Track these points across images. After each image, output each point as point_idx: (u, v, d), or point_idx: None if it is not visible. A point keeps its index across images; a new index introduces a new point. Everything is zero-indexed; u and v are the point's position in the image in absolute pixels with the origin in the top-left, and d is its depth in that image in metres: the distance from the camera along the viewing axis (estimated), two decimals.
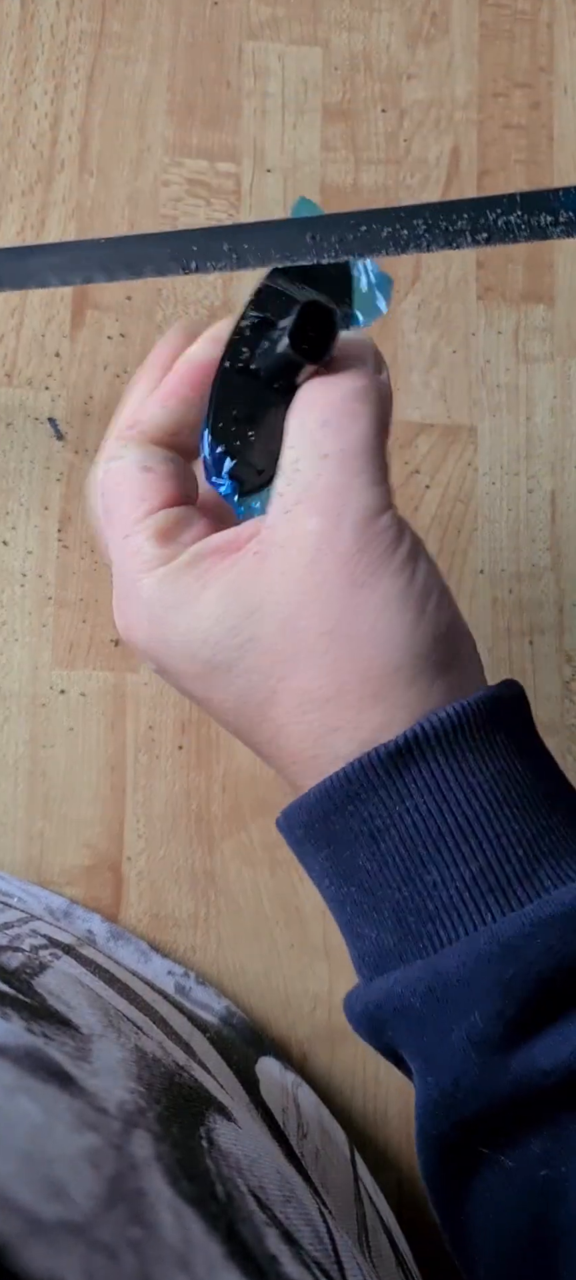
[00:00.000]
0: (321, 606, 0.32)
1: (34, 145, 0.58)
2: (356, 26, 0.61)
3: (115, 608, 0.36)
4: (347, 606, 0.32)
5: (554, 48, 0.62)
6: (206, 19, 0.60)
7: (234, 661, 0.33)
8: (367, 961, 0.33)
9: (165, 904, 0.55)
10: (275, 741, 0.34)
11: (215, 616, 0.33)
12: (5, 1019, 0.32)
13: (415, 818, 0.31)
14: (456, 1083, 0.30)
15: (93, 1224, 0.22)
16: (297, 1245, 0.29)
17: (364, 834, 0.32)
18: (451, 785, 0.31)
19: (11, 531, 0.56)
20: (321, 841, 0.33)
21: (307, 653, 0.32)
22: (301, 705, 0.33)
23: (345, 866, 0.33)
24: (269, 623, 0.32)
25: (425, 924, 0.31)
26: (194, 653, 0.33)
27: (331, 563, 0.32)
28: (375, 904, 0.32)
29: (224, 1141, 0.33)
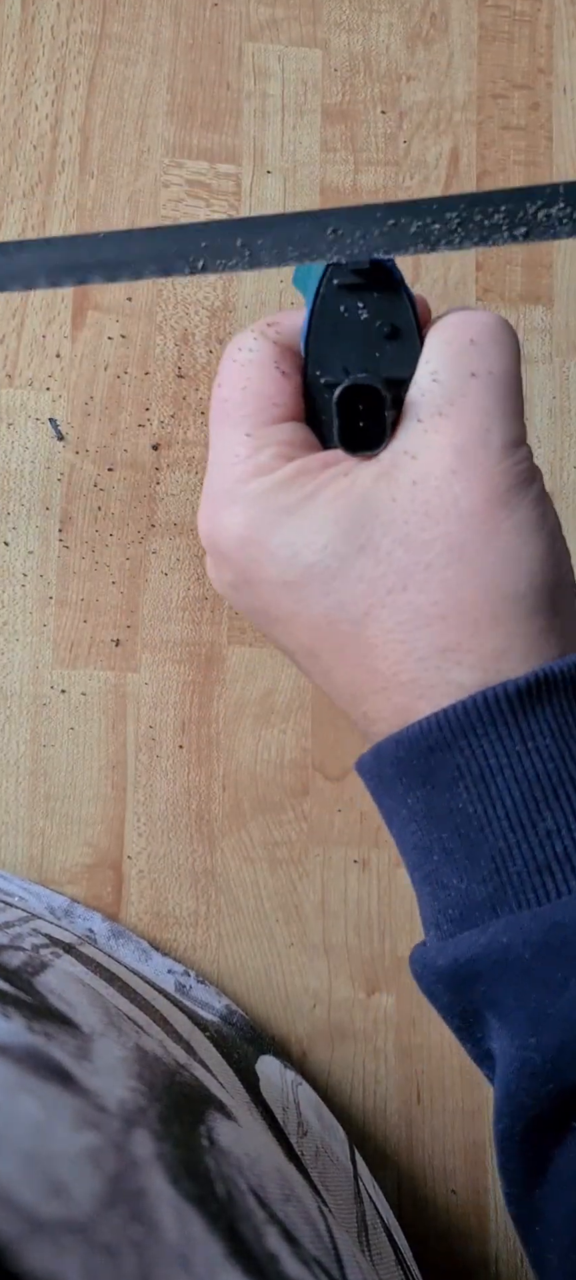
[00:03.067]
0: (453, 522, 0.31)
1: (35, 147, 0.58)
2: (356, 28, 0.61)
3: (207, 504, 0.34)
4: (481, 526, 0.31)
5: (553, 49, 0.62)
6: (206, 20, 0.60)
7: (339, 570, 0.31)
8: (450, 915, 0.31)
9: (165, 902, 0.55)
10: (365, 663, 0.32)
11: (329, 519, 0.32)
12: (6, 1018, 0.32)
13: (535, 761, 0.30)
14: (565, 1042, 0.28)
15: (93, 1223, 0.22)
16: (298, 1243, 0.29)
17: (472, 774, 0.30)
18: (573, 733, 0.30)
19: (12, 532, 0.56)
20: (416, 780, 0.31)
21: (427, 567, 0.31)
22: (411, 621, 0.31)
23: (441, 809, 0.31)
24: (389, 532, 0.31)
25: (532, 874, 0.30)
26: (295, 556, 0.32)
27: (471, 480, 0.31)
28: (470, 851, 0.30)
29: (224, 1140, 0.33)
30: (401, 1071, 0.54)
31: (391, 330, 0.34)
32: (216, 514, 0.34)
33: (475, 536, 0.31)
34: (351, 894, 0.55)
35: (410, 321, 0.34)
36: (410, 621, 0.31)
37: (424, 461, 0.32)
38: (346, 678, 0.33)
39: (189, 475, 0.57)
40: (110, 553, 0.56)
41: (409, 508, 0.31)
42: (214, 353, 0.58)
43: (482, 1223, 0.53)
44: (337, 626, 0.32)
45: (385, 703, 0.32)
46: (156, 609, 0.56)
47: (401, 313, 0.34)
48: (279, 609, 0.33)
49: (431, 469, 0.31)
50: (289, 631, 0.34)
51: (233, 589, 0.35)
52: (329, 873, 0.55)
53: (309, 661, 0.34)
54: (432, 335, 0.33)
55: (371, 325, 0.34)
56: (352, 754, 0.56)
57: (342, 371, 0.34)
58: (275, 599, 0.33)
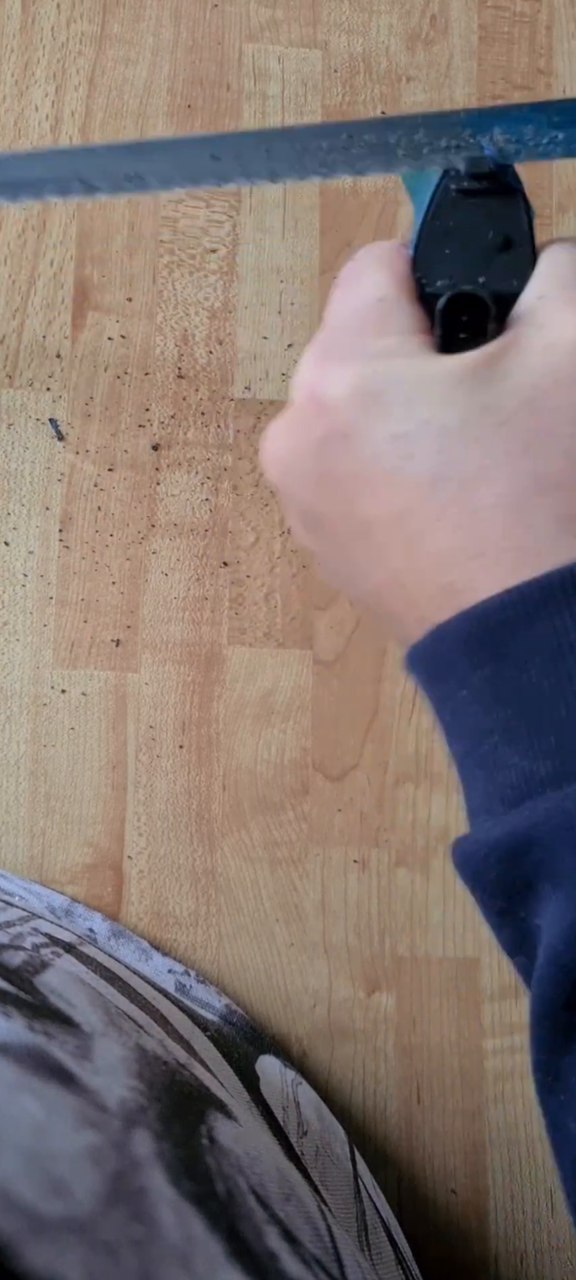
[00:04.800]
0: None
1: (35, 147, 0.58)
2: (356, 29, 0.61)
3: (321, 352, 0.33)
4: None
5: (552, 49, 0.62)
6: (206, 21, 0.60)
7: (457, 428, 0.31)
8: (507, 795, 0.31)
9: (166, 902, 0.55)
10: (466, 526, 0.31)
11: (453, 377, 0.31)
12: (7, 1017, 0.32)
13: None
14: None
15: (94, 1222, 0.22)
16: (298, 1243, 0.29)
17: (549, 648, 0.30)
18: None
19: (13, 532, 0.56)
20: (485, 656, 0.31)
21: (551, 434, 0.30)
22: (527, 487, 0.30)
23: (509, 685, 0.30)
24: (516, 394, 0.31)
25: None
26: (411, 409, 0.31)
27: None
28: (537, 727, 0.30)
29: (224, 1139, 0.33)
30: (401, 1071, 0.54)
31: (504, 241, 0.34)
32: (330, 362, 0.33)
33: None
34: (351, 894, 0.55)
35: (524, 234, 0.33)
36: (526, 487, 0.30)
37: (554, 329, 0.31)
38: (440, 543, 0.32)
39: (189, 475, 0.57)
40: (110, 553, 0.56)
41: (538, 372, 0.31)
42: (214, 353, 0.58)
43: (482, 1222, 0.53)
44: (444, 486, 0.31)
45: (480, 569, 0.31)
46: (156, 609, 0.56)
47: (517, 223, 0.34)
48: (375, 467, 0.32)
49: (564, 336, 0.31)
50: (378, 494, 0.32)
51: (317, 448, 0.33)
52: (329, 873, 0.55)
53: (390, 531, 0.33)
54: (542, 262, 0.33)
55: (484, 234, 0.34)
56: (353, 754, 0.56)
57: (451, 283, 0.33)
58: (375, 454, 0.32)
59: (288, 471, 0.34)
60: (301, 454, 0.34)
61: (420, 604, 0.33)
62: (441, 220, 0.34)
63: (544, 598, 0.30)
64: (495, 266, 0.33)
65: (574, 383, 0.30)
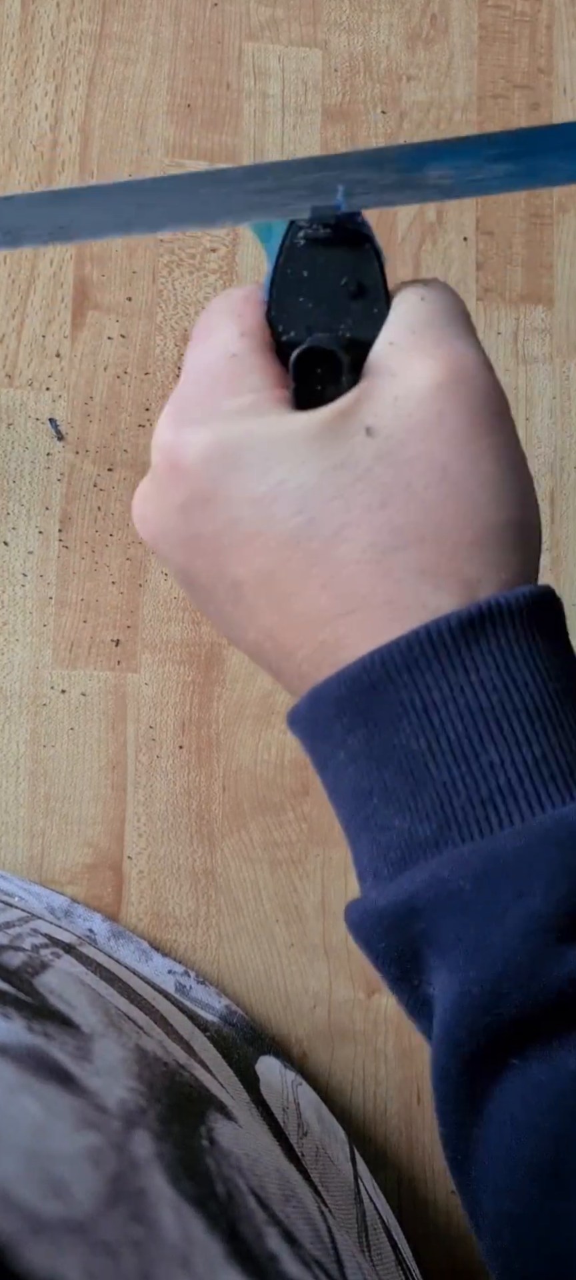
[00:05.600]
0: (437, 439, 0.30)
1: (34, 146, 0.58)
2: (356, 28, 0.61)
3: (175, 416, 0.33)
4: (468, 447, 0.30)
5: (553, 49, 0.62)
6: (206, 20, 0.60)
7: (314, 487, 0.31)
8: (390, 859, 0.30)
9: (166, 903, 0.55)
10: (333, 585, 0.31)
11: (307, 435, 0.31)
12: (6, 1018, 0.32)
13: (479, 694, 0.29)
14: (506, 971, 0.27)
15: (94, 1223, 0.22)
16: (298, 1244, 0.29)
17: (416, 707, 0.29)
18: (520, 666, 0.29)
19: (12, 532, 0.56)
20: (357, 720, 0.30)
21: (407, 486, 0.30)
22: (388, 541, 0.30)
23: (383, 747, 0.30)
24: (370, 447, 0.30)
25: (475, 807, 0.29)
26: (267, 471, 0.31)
27: (456, 396, 0.31)
28: (413, 789, 0.30)
29: (224, 1140, 0.33)
30: (401, 1072, 0.54)
31: (357, 288, 0.33)
32: (185, 425, 0.32)
33: (459, 458, 0.30)
34: (352, 895, 0.55)
35: (377, 280, 0.33)
36: (387, 541, 0.30)
37: (406, 379, 0.31)
38: (308, 603, 0.31)
39: None
40: (110, 553, 0.56)
41: (391, 424, 0.31)
42: None
43: None
44: (307, 545, 0.31)
45: (351, 627, 0.31)
46: (156, 609, 0.56)
47: (368, 269, 0.33)
48: (237, 530, 0.32)
49: (415, 384, 0.31)
50: (243, 556, 0.32)
51: (180, 513, 0.33)
52: (329, 873, 0.55)
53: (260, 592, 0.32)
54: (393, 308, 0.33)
55: (337, 282, 0.33)
56: None
57: (306, 330, 0.33)
58: (235, 517, 0.31)
59: (155, 536, 0.34)
60: (165, 519, 0.33)
61: (297, 662, 0.33)
62: (292, 269, 0.34)
63: (409, 657, 0.30)
64: (349, 314, 0.33)
65: (425, 431, 0.30)
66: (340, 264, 0.33)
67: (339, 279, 0.33)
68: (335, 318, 0.33)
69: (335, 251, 0.34)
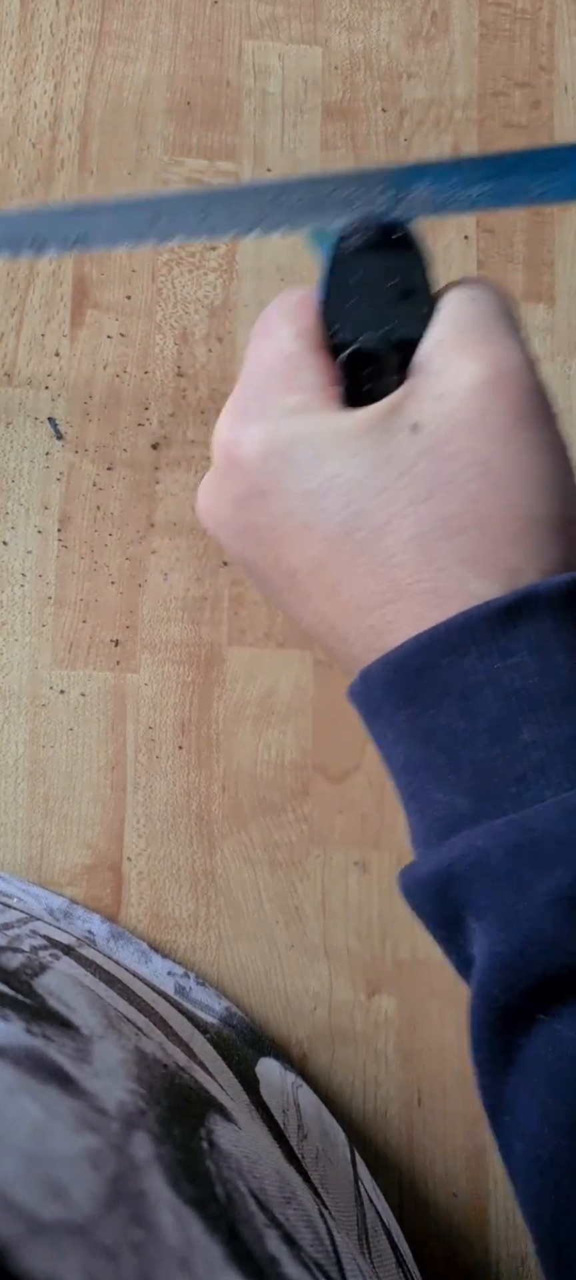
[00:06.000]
0: (480, 435, 0.32)
1: (34, 144, 0.58)
2: (356, 25, 0.61)
3: (234, 413, 0.35)
4: (508, 443, 0.32)
5: (554, 47, 0.62)
6: (206, 18, 0.60)
7: (362, 481, 0.32)
8: (436, 828, 0.32)
9: (165, 904, 0.55)
10: (379, 572, 0.32)
11: (356, 432, 0.33)
12: (5, 1020, 0.32)
13: (514, 676, 0.31)
14: (532, 938, 0.29)
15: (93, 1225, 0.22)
16: (298, 1246, 0.29)
17: (456, 690, 0.31)
18: (555, 650, 0.31)
19: (11, 531, 0.56)
20: (404, 699, 0.32)
21: (451, 480, 0.32)
22: (432, 532, 0.32)
23: (427, 726, 0.32)
24: (415, 443, 0.32)
25: (510, 785, 0.31)
26: (319, 466, 0.33)
27: (499, 393, 0.32)
28: (455, 765, 0.31)
29: (224, 1143, 0.33)
30: (402, 1074, 0.54)
31: (404, 290, 0.35)
32: (243, 422, 0.34)
33: (501, 453, 0.32)
34: (352, 896, 0.55)
35: (423, 281, 0.35)
36: (432, 532, 0.32)
37: (450, 376, 0.32)
38: (356, 590, 0.33)
39: (189, 475, 0.57)
40: (109, 553, 0.56)
41: (435, 420, 0.32)
42: (213, 351, 0.58)
43: (483, 1226, 0.53)
44: (354, 536, 0.33)
45: (397, 613, 0.33)
46: (156, 609, 0.56)
47: (414, 272, 0.35)
48: (291, 521, 0.34)
49: (458, 382, 0.32)
50: (297, 546, 0.34)
51: (238, 505, 0.35)
52: (329, 874, 0.55)
53: (312, 580, 0.34)
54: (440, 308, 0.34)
55: (385, 285, 0.35)
56: (354, 755, 0.56)
57: (357, 331, 0.35)
58: (290, 510, 0.33)
59: (217, 526, 0.36)
60: (225, 510, 0.35)
61: (349, 643, 0.34)
62: (342, 274, 0.35)
63: (449, 642, 0.31)
64: (397, 315, 0.35)
65: (468, 428, 0.32)
66: (387, 267, 0.35)
67: (386, 282, 0.35)
68: (384, 319, 0.35)
69: (382, 256, 0.35)
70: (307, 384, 0.34)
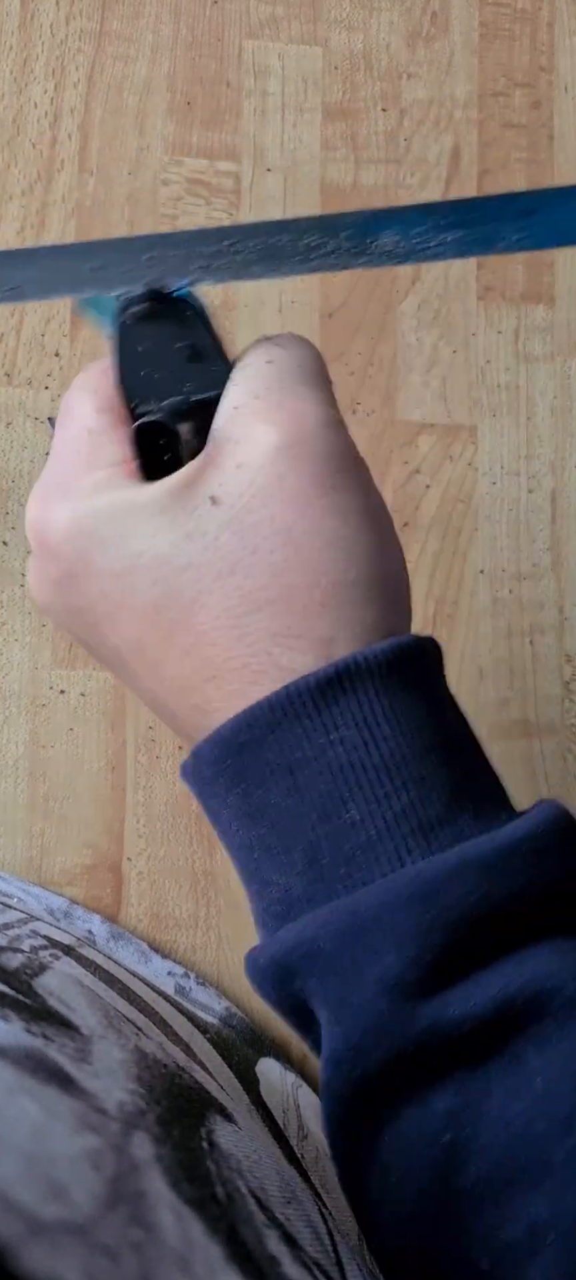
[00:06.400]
0: (279, 502, 0.31)
1: (34, 144, 0.58)
2: (356, 25, 0.61)
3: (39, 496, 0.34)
4: (308, 507, 0.31)
5: (554, 47, 0.62)
6: (206, 18, 0.60)
7: (166, 558, 0.31)
8: (273, 912, 0.31)
9: (165, 904, 0.54)
10: (195, 651, 0.32)
11: (158, 508, 0.32)
12: (5, 1020, 0.32)
13: (339, 751, 0.30)
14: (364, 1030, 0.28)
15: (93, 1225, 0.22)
16: (298, 1246, 0.29)
17: (281, 767, 0.30)
18: (379, 721, 0.30)
19: (11, 531, 0.56)
20: (233, 779, 0.31)
21: (254, 551, 0.31)
22: (239, 607, 0.31)
23: (257, 805, 0.31)
24: (216, 515, 0.31)
25: (340, 866, 0.30)
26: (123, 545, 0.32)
27: (295, 457, 0.31)
28: (286, 846, 0.30)
29: (224, 1143, 0.33)
30: None
31: (192, 352, 0.34)
32: (49, 503, 0.33)
33: (301, 519, 0.31)
34: None
35: (206, 339, 0.34)
36: (238, 607, 0.31)
37: (247, 445, 0.31)
38: (175, 669, 0.32)
39: None
40: None
41: (234, 491, 0.31)
42: None
43: None
44: (166, 614, 0.32)
45: (216, 691, 0.32)
46: None
47: (196, 333, 0.34)
48: (106, 602, 0.33)
49: (255, 449, 0.31)
50: (115, 626, 0.33)
51: (56, 587, 0.34)
52: None
53: (136, 658, 0.33)
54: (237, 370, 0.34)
55: (171, 349, 0.34)
56: None
57: (156, 399, 0.33)
58: (102, 591, 0.33)
59: (44, 609, 0.36)
60: (47, 593, 0.35)
61: (179, 721, 0.34)
62: (129, 343, 0.34)
63: (271, 719, 0.30)
64: (190, 379, 0.34)
65: (267, 495, 0.31)
66: (170, 332, 0.34)
67: (172, 345, 0.34)
68: (178, 383, 0.33)
69: (162, 322, 0.35)
70: (109, 459, 0.33)
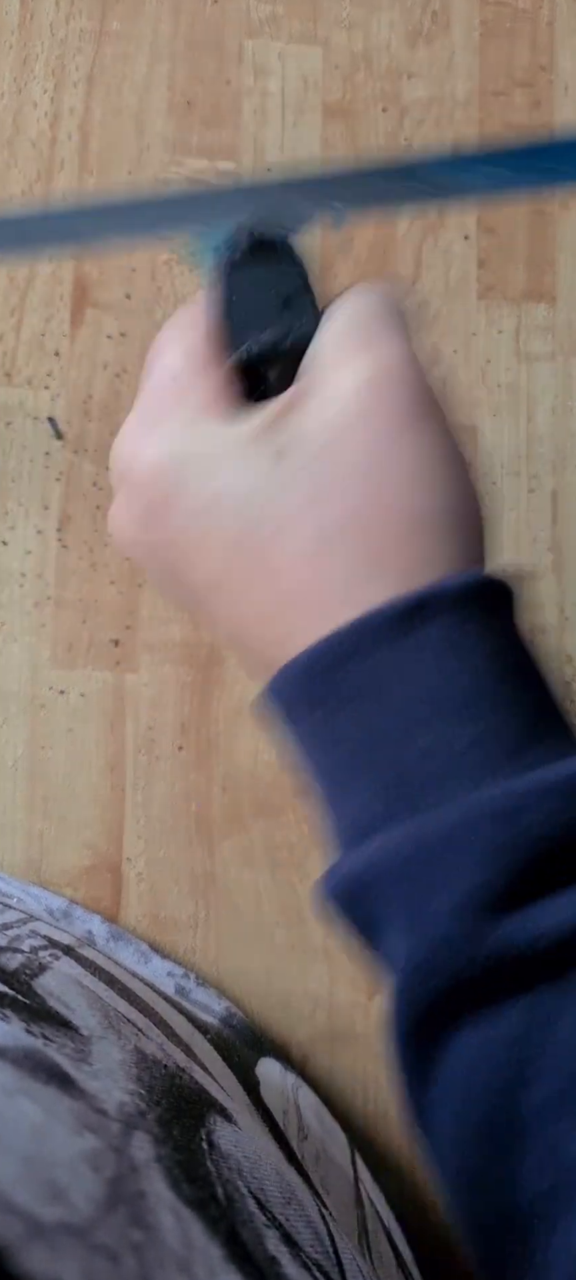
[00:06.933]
0: (364, 437, 0.32)
1: (34, 144, 0.58)
2: (356, 25, 0.61)
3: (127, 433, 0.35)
4: (394, 442, 0.32)
5: (554, 46, 0.62)
6: (206, 17, 0.60)
7: (251, 490, 0.32)
8: (351, 833, 0.32)
9: (165, 905, 0.54)
10: (275, 583, 0.32)
11: (243, 441, 0.32)
12: (5, 1020, 0.32)
13: (419, 677, 0.31)
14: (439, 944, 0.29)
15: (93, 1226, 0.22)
16: (298, 1247, 0.29)
17: (362, 691, 0.31)
18: (459, 649, 0.31)
19: (11, 531, 0.56)
20: (315, 702, 0.32)
21: (337, 484, 0.32)
22: (321, 538, 0.32)
23: (337, 729, 0.32)
24: (302, 448, 0.32)
25: (419, 787, 0.30)
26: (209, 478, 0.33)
27: (382, 393, 0.32)
28: (365, 769, 0.31)
29: (224, 1143, 0.33)
30: None
31: (285, 299, 0.35)
32: (136, 442, 0.34)
33: (386, 453, 0.32)
34: None
35: (299, 286, 0.35)
36: (322, 537, 0.32)
37: (333, 382, 0.32)
38: (256, 601, 0.33)
39: None
40: (109, 553, 0.56)
41: (321, 424, 0.32)
42: None
43: None
44: (249, 547, 0.32)
45: (297, 620, 0.32)
46: (156, 609, 0.56)
47: (291, 281, 0.35)
48: (188, 537, 0.33)
49: (341, 386, 0.32)
50: (196, 562, 0.34)
51: (141, 523, 0.35)
52: None
53: (215, 595, 0.34)
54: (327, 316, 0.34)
55: (265, 296, 0.35)
56: None
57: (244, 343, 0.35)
58: (185, 526, 0.33)
59: (126, 548, 0.37)
60: (130, 531, 0.36)
61: (257, 655, 0.34)
62: (226, 288, 0.36)
63: (351, 646, 0.31)
64: (282, 323, 0.35)
65: (352, 430, 0.32)
66: (266, 278, 0.36)
67: (266, 292, 0.35)
68: (270, 326, 0.35)
69: (259, 268, 0.36)
70: (197, 400, 0.34)
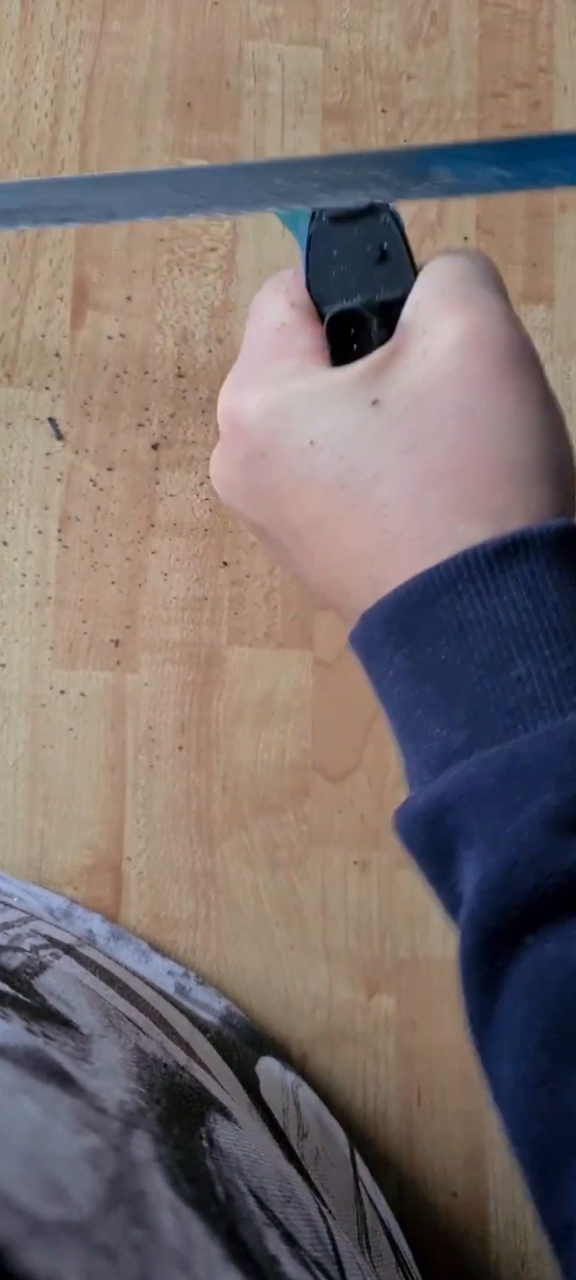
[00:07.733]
0: (462, 386, 0.33)
1: (34, 145, 0.58)
2: (356, 26, 0.61)
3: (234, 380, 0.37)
4: (490, 390, 0.33)
5: (554, 47, 0.62)
6: (206, 18, 0.60)
7: (352, 435, 0.34)
8: (431, 764, 0.33)
9: (165, 904, 0.55)
10: (374, 523, 0.34)
11: (346, 389, 0.34)
12: (5, 1019, 0.32)
13: (509, 613, 0.32)
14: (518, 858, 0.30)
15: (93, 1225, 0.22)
16: (297, 1245, 0.29)
17: (452, 626, 0.33)
18: (548, 588, 0.32)
19: (11, 531, 0.56)
20: (402, 639, 0.34)
21: (435, 430, 0.33)
22: (420, 480, 0.33)
23: (424, 663, 0.33)
24: (402, 398, 0.34)
25: (504, 717, 0.32)
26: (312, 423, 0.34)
27: (479, 345, 0.34)
28: (450, 701, 0.33)
29: (224, 1142, 0.33)
30: (402, 1074, 0.54)
31: (381, 254, 0.37)
32: (242, 389, 0.36)
33: (482, 401, 0.33)
34: (352, 896, 0.55)
35: (396, 241, 0.37)
36: (419, 481, 0.33)
37: (434, 333, 0.34)
38: (353, 541, 0.35)
39: (189, 475, 0.57)
40: (109, 553, 0.56)
41: (420, 374, 0.34)
42: (213, 352, 0.58)
43: (483, 1225, 0.53)
44: (349, 489, 0.34)
45: (391, 561, 0.34)
46: (156, 609, 0.56)
47: (387, 235, 0.37)
48: (290, 479, 0.35)
49: (441, 338, 0.34)
50: (297, 503, 0.35)
51: (243, 469, 0.37)
52: (329, 875, 0.55)
53: (316, 533, 0.36)
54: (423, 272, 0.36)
55: (362, 252, 0.37)
56: (353, 755, 0.56)
57: (342, 299, 0.37)
58: (288, 468, 0.35)
59: (227, 492, 0.39)
60: (232, 475, 0.38)
61: (352, 595, 0.36)
62: (321, 247, 0.37)
63: (445, 583, 0.33)
64: (377, 279, 0.37)
65: (451, 380, 0.34)
66: (363, 235, 0.37)
67: (363, 248, 0.37)
68: (366, 284, 0.37)
69: (356, 225, 0.37)
70: (301, 349, 0.36)
